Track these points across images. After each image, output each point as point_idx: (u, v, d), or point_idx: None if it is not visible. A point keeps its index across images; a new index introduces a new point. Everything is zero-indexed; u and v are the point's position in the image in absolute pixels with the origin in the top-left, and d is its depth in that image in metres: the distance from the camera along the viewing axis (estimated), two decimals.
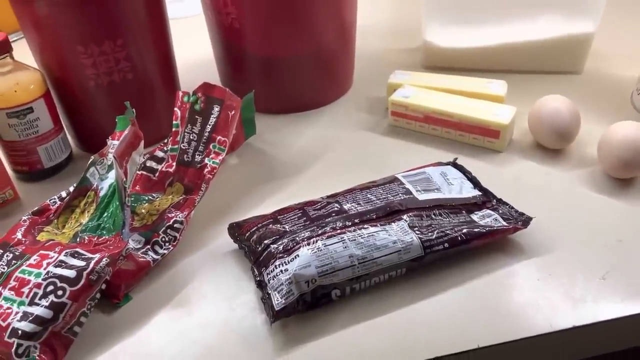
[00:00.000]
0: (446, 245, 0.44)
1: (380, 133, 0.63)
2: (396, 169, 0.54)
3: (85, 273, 0.41)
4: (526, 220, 0.47)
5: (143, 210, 0.50)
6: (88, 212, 0.47)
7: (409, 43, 0.81)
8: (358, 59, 0.73)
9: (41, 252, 0.43)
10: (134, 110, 0.49)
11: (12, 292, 0.40)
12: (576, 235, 0.47)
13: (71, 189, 0.49)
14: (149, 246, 0.47)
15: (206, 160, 0.52)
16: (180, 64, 0.65)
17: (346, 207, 0.47)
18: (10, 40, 0.54)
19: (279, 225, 0.46)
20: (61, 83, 0.57)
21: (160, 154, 0.54)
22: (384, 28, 0.89)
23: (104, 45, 0.54)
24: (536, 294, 0.43)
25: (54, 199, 0.50)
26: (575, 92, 0.65)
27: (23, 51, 0.60)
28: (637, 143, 0.50)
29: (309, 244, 0.43)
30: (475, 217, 0.47)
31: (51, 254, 0.43)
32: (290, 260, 0.42)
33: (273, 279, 0.42)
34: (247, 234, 0.46)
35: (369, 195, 0.48)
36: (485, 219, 0.47)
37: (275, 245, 0.43)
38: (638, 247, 0.46)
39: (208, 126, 0.52)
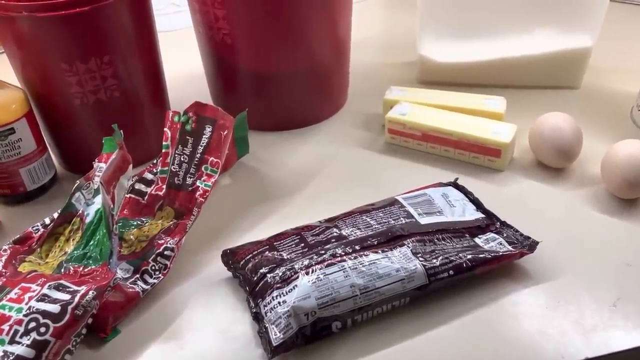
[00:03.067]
0: (451, 272, 0.42)
1: (377, 151, 0.61)
2: (394, 189, 0.52)
3: (70, 307, 0.38)
4: (532, 245, 0.45)
5: (131, 237, 0.47)
6: (73, 240, 0.45)
7: (404, 57, 0.80)
8: (353, 74, 0.71)
9: (23, 284, 0.40)
10: (122, 132, 0.46)
11: None
12: (584, 259, 0.46)
13: (55, 215, 0.47)
14: (138, 275, 0.44)
15: (198, 183, 0.49)
16: (169, 79, 0.63)
17: (345, 232, 0.45)
18: None
19: (275, 253, 0.43)
20: (45, 102, 0.55)
21: (149, 176, 0.52)
22: (378, 42, 0.87)
23: (89, 63, 0.51)
24: (545, 323, 0.41)
25: (37, 226, 0.47)
26: (573, 108, 0.64)
27: (3, 67, 0.58)
28: None
29: (307, 273, 0.40)
30: (479, 241, 0.46)
31: (33, 286, 0.40)
32: (289, 291, 0.40)
33: (270, 312, 0.39)
34: (241, 262, 0.44)
35: (368, 220, 0.46)
36: (490, 243, 0.46)
37: (272, 275, 0.41)
38: None
39: (200, 147, 0.50)
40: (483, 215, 0.48)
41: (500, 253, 0.44)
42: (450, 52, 0.70)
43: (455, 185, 0.52)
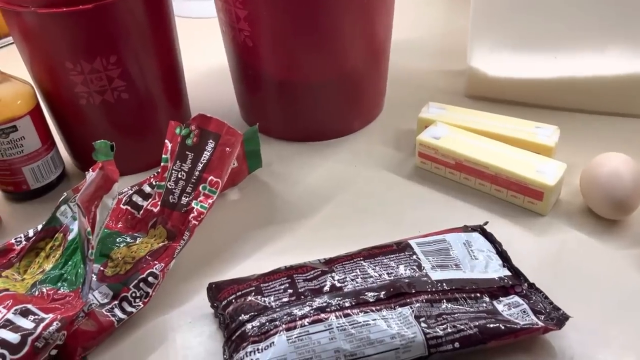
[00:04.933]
0: (457, 344, 0.36)
1: (404, 176, 0.55)
2: (415, 224, 0.46)
3: (30, 339, 0.36)
4: (561, 319, 0.38)
5: (119, 256, 0.44)
6: (53, 257, 0.42)
7: (454, 65, 0.72)
8: (391, 81, 0.65)
9: None
10: (114, 145, 0.43)
11: None
12: (628, 338, 0.38)
13: (39, 227, 0.44)
14: (116, 302, 0.41)
15: (193, 204, 0.45)
16: (192, 73, 0.58)
17: (342, 281, 0.39)
18: (2, 45, 0.49)
19: (259, 297, 0.39)
20: (52, 98, 0.52)
21: (147, 188, 0.48)
22: (426, 46, 0.79)
23: (95, 62, 0.48)
24: None
25: (20, 237, 0.45)
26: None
27: (14, 59, 0.55)
28: None
29: (289, 329, 0.36)
30: (499, 305, 0.39)
31: (0, 309, 0.37)
32: (265, 348, 0.35)
33: None
34: (223, 302, 0.40)
35: (371, 269, 0.40)
36: (512, 309, 0.39)
37: (251, 325, 0.37)
38: None
39: (199, 164, 0.46)
40: (509, 273, 0.41)
41: (520, 326, 0.37)
42: (504, 66, 0.62)
43: (482, 231, 0.45)
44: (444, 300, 0.38)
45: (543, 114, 0.61)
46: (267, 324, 0.37)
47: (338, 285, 0.39)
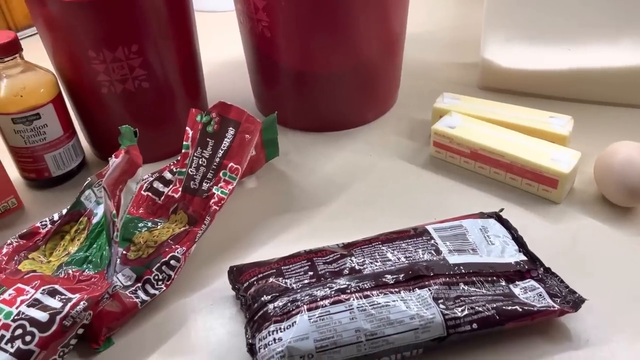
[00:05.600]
0: (475, 325, 0.37)
1: (419, 165, 0.55)
2: (431, 212, 0.47)
3: (58, 317, 0.37)
4: (577, 302, 0.39)
5: (141, 240, 0.45)
6: (78, 240, 0.43)
7: (467, 57, 0.73)
8: (405, 73, 0.65)
9: (19, 285, 0.39)
10: (137, 131, 0.43)
11: None
12: (639, 325, 0.39)
13: (64, 211, 0.45)
14: (139, 284, 0.42)
15: (214, 190, 0.46)
16: (209, 65, 0.60)
17: (361, 264, 0.40)
18: (25, 35, 0.50)
19: (281, 279, 0.40)
20: (74, 87, 0.53)
21: (168, 175, 0.49)
22: (440, 38, 0.80)
23: (117, 51, 0.49)
24: None
25: (45, 221, 0.46)
26: None
27: (37, 50, 0.56)
28: None
29: (310, 309, 0.36)
30: (516, 289, 0.40)
31: (28, 288, 0.39)
32: (287, 327, 0.36)
33: (264, 348, 0.36)
34: (245, 284, 0.41)
35: (390, 252, 0.41)
36: (528, 292, 0.40)
37: (272, 305, 0.38)
38: None
39: (220, 151, 0.47)
40: (525, 258, 0.42)
41: (536, 308, 0.38)
42: (517, 57, 0.62)
43: (498, 217, 0.46)
44: (462, 283, 0.39)
45: (556, 105, 0.61)
46: (289, 304, 0.37)
47: (357, 268, 0.40)
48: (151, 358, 0.39)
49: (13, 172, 0.54)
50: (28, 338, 0.36)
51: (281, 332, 0.36)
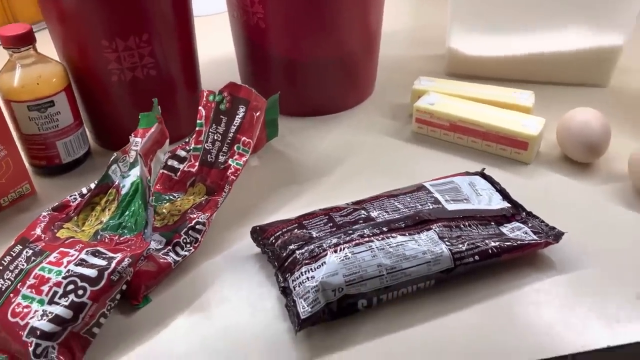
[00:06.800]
0: (476, 257, 0.43)
1: (404, 140, 0.62)
2: (420, 177, 0.53)
3: (106, 273, 0.40)
4: (558, 235, 0.46)
5: (164, 210, 0.49)
6: (109, 210, 0.46)
7: (433, 50, 0.80)
8: (381, 66, 0.72)
9: (61, 249, 0.42)
10: (160, 108, 0.47)
11: (32, 290, 0.39)
12: (608, 253, 0.46)
13: (92, 185, 0.48)
14: (169, 247, 0.46)
15: (230, 162, 0.50)
16: (201, 62, 0.64)
17: (373, 214, 0.46)
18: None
19: (304, 231, 0.45)
20: (83, 77, 0.56)
21: (182, 153, 0.53)
22: (408, 35, 0.88)
23: (129, 40, 0.53)
24: (568, 312, 0.41)
25: (75, 195, 0.49)
26: (601, 105, 0.63)
27: (44, 43, 0.59)
28: None
29: (336, 251, 0.41)
30: (504, 229, 0.46)
31: (72, 251, 0.41)
32: (317, 267, 0.41)
33: (299, 286, 0.40)
34: (271, 238, 0.45)
35: (396, 204, 0.47)
36: (515, 232, 0.46)
37: (301, 251, 0.42)
38: None
39: (233, 126, 0.51)
40: (509, 205, 0.49)
41: (526, 241, 0.44)
42: (480, 46, 0.70)
43: (482, 174, 0.52)
44: (460, 226, 0.45)
45: (517, 86, 0.69)
46: (316, 249, 0.42)
47: (371, 216, 0.45)
48: (187, 312, 0.43)
49: None
50: (80, 292, 0.39)
51: (313, 271, 0.41)
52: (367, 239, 0.43)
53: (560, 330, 0.40)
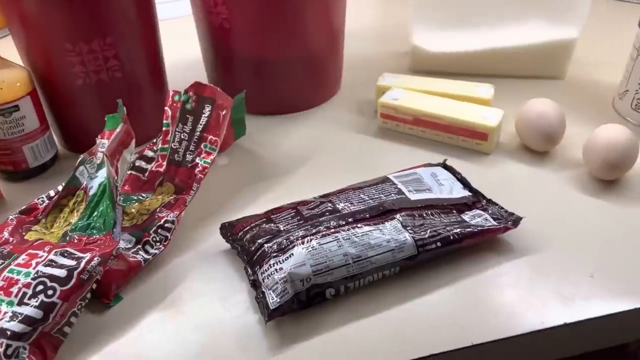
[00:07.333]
0: (439, 244, 0.44)
1: (370, 135, 0.63)
2: (386, 170, 0.54)
3: (76, 272, 0.40)
4: (516, 220, 0.47)
5: (133, 210, 0.49)
6: (77, 211, 0.47)
7: (397, 47, 0.82)
8: (346, 63, 0.73)
9: (30, 251, 0.42)
10: (125, 108, 0.48)
11: (1, 292, 0.39)
12: (565, 236, 0.48)
13: (59, 187, 0.49)
14: (139, 246, 0.46)
15: (197, 160, 0.51)
16: (168, 65, 0.65)
17: (339, 206, 0.47)
18: None
19: (272, 225, 0.46)
20: (48, 81, 0.56)
21: (149, 153, 0.54)
22: (371, 32, 0.90)
23: (92, 43, 0.53)
24: (527, 293, 0.43)
25: (42, 197, 0.49)
26: (558, 97, 0.66)
27: (7, 47, 0.59)
28: (622, 145, 0.51)
29: (303, 243, 0.43)
30: (465, 217, 0.48)
31: (40, 253, 0.42)
32: (285, 259, 0.42)
33: (267, 278, 0.41)
34: (239, 234, 0.46)
35: (361, 195, 0.48)
36: (476, 218, 0.48)
37: (269, 245, 0.43)
38: (624, 246, 0.47)
39: (199, 125, 0.52)
40: (470, 194, 0.50)
41: (486, 227, 0.46)
42: (441, 42, 0.72)
43: (444, 165, 0.54)
44: (424, 214, 0.47)
45: (478, 80, 0.71)
46: (284, 242, 0.43)
47: (337, 209, 0.46)
48: (159, 308, 0.44)
49: None
50: (50, 292, 0.39)
51: (281, 263, 0.42)
52: (333, 230, 0.44)
53: (521, 310, 0.42)
